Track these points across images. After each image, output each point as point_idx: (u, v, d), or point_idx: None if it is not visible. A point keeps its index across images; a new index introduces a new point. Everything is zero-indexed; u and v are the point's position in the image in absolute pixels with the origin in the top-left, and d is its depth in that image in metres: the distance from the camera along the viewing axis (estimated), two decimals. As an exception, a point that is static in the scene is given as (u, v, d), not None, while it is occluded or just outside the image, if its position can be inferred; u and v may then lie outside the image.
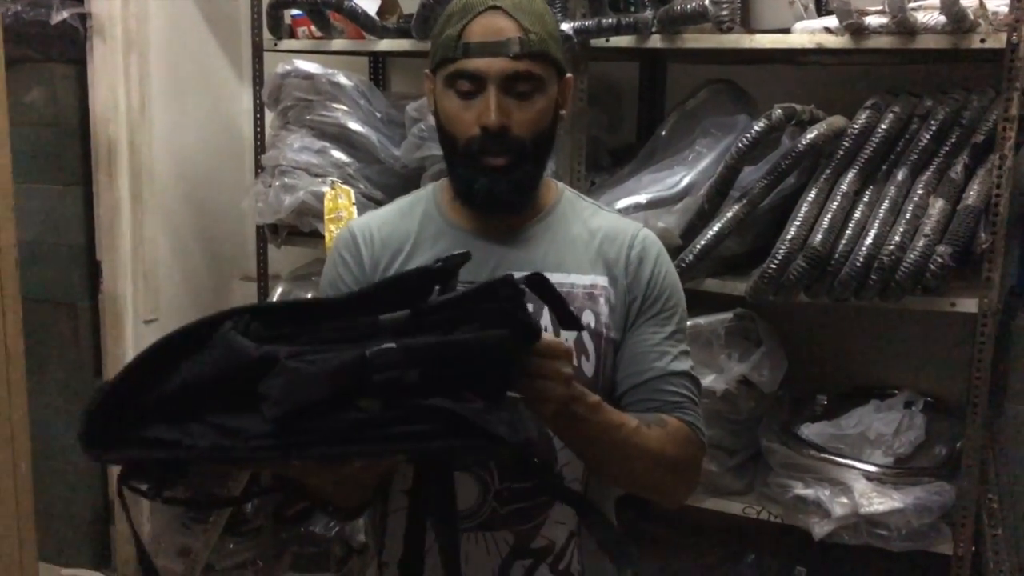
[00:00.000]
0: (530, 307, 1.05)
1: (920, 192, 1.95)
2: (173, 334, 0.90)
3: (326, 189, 2.36)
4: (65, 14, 2.79)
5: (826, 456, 2.11)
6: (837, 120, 2.00)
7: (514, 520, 1.28)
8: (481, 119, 1.21)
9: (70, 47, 2.87)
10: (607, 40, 2.14)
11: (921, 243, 1.91)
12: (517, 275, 0.97)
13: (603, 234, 1.32)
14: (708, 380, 2.14)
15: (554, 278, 1.26)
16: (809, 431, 2.22)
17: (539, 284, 1.00)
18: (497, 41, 1.20)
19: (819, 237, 1.95)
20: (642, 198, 2.09)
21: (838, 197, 1.97)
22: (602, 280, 1.29)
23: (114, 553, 3.13)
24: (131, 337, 2.97)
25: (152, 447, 0.85)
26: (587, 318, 1.27)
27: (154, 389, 0.87)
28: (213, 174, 3.18)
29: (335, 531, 2.92)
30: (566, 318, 1.06)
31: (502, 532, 1.28)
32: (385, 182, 2.51)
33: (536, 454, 1.25)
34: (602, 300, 1.28)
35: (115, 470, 2.57)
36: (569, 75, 1.30)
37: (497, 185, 1.23)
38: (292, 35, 2.64)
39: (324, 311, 0.93)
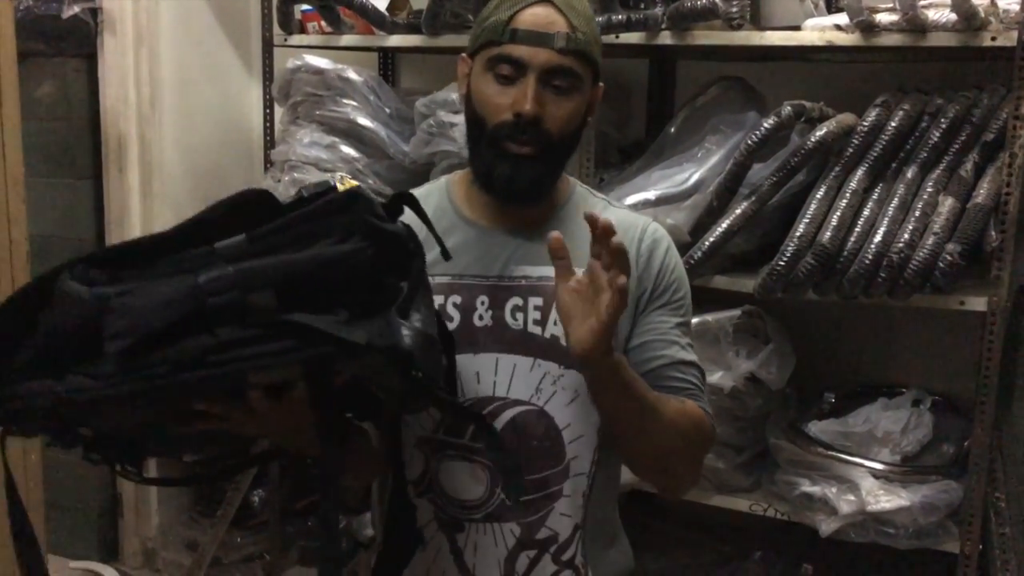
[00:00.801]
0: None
1: (930, 190, 1.95)
2: (21, 290, 0.91)
3: (335, 184, 2.37)
4: (76, 9, 2.81)
5: (833, 454, 2.11)
6: (847, 117, 2.00)
7: (521, 511, 1.29)
8: (516, 106, 1.22)
9: (81, 42, 2.88)
10: (617, 37, 2.14)
11: (930, 241, 1.91)
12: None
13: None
14: (716, 377, 2.14)
15: None
16: (816, 428, 2.22)
17: (410, 202, 1.02)
18: (546, 32, 1.21)
19: (828, 234, 1.95)
20: (651, 195, 2.09)
21: (847, 195, 1.97)
22: None
23: (122, 546, 3.14)
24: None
25: (24, 400, 0.87)
26: None
27: (21, 344, 0.88)
28: (223, 169, 3.18)
29: (342, 525, 2.92)
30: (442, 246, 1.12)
31: (509, 524, 1.29)
32: (394, 178, 2.51)
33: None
34: None
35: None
36: (601, 84, 1.32)
37: (518, 174, 1.24)
38: (302, 30, 2.65)
39: (160, 248, 0.90)
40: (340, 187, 2.45)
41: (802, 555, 2.34)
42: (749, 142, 2.00)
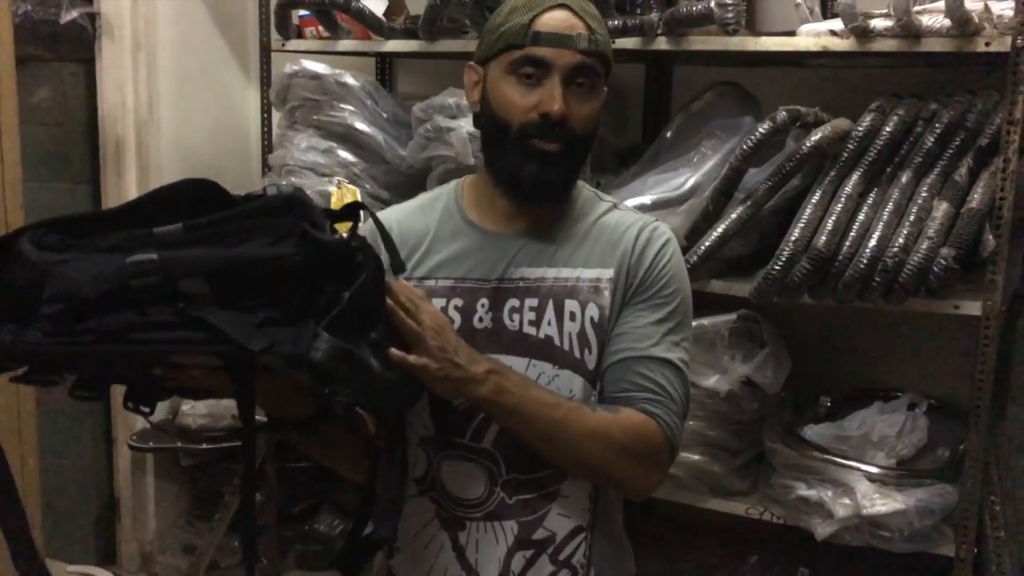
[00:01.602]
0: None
1: (924, 195, 1.95)
2: None
3: (332, 188, 2.38)
4: (74, 13, 2.81)
5: (829, 457, 2.11)
6: (842, 122, 2.01)
7: (520, 510, 1.31)
8: (543, 106, 1.24)
9: (79, 46, 2.88)
10: (613, 42, 2.13)
11: (925, 245, 1.91)
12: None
13: (613, 227, 1.35)
14: (712, 381, 2.15)
15: (563, 272, 1.31)
16: (812, 432, 2.22)
17: (361, 210, 1.03)
18: (568, 34, 1.25)
19: (823, 239, 1.95)
20: (647, 199, 2.10)
21: (842, 199, 1.98)
22: (608, 272, 1.31)
23: (119, 550, 3.14)
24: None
25: None
26: (591, 311, 1.29)
27: None
28: (220, 173, 3.15)
29: (339, 529, 2.93)
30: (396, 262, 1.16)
31: (508, 522, 1.31)
32: (391, 182, 2.52)
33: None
34: (607, 293, 1.30)
35: (121, 463, 2.56)
36: (605, 88, 1.34)
37: (546, 171, 1.26)
38: (299, 35, 2.65)
39: (115, 222, 0.95)
40: (336, 191, 2.45)
41: (798, 558, 2.34)
42: (744, 147, 2.01)
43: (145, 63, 2.91)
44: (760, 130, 1.99)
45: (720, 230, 2.06)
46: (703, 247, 2.07)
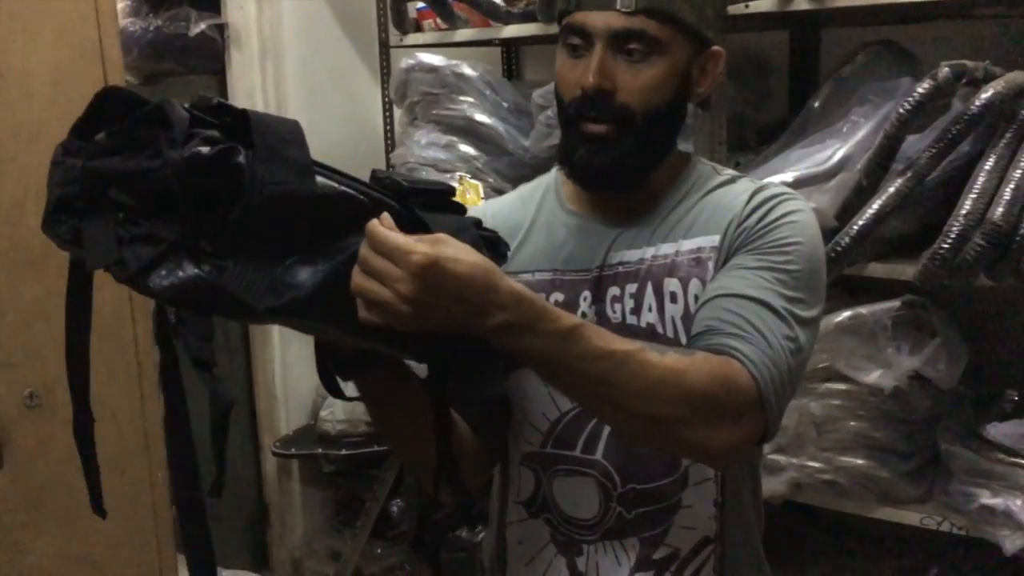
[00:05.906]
0: None
1: (1125, 153, 1.69)
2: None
3: (454, 185, 2.32)
4: (203, 26, 2.89)
5: (1017, 460, 1.91)
6: (1018, 76, 1.77)
7: (641, 525, 1.19)
8: (582, 79, 1.12)
9: (210, 58, 2.97)
10: (746, 6, 1.98)
11: None
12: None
13: (724, 194, 1.19)
14: (874, 376, 1.97)
15: (662, 249, 1.17)
16: (997, 431, 2.01)
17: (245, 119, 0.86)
18: None
19: (1000, 211, 1.73)
20: (788, 176, 1.93)
21: (1021, 164, 1.74)
22: (712, 240, 1.16)
23: (272, 555, 3.20)
24: (277, 340, 3.01)
25: None
26: (694, 288, 1.15)
27: None
28: (354, 174, 3.19)
29: (481, 536, 2.87)
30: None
31: (630, 539, 1.20)
32: (516, 174, 2.46)
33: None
34: (710, 264, 1.15)
35: (268, 469, 2.57)
36: (716, 48, 1.19)
37: (595, 157, 1.14)
38: (418, 28, 2.63)
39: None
40: (459, 188, 2.37)
41: (984, 575, 2.13)
42: (901, 111, 1.81)
43: (273, 69, 2.97)
44: (919, 90, 1.79)
45: (876, 206, 1.87)
46: (856, 226, 1.88)
